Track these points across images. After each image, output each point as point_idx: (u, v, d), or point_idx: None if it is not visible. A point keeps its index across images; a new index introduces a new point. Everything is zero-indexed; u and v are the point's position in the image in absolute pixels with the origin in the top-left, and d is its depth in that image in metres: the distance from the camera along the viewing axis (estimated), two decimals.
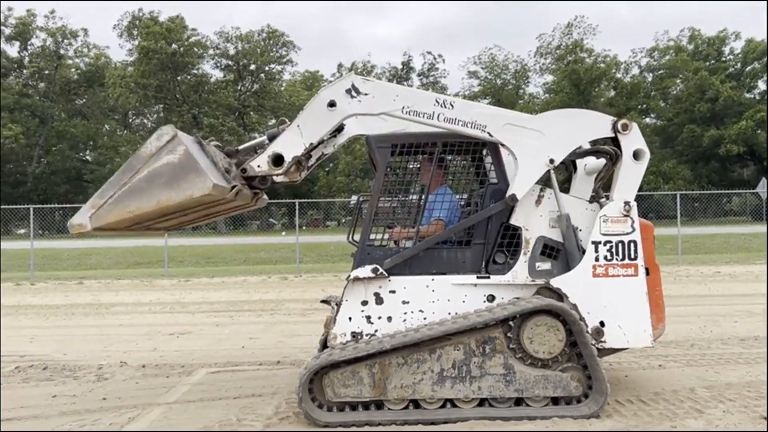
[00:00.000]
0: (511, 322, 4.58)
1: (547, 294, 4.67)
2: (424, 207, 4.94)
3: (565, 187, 5.23)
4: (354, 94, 4.66)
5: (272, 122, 47.12)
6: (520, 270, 4.75)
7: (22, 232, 31.34)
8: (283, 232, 35.15)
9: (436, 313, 4.70)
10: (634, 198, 4.76)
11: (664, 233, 18.51)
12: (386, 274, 4.70)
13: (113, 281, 16.47)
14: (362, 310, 4.72)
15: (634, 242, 4.71)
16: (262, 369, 6.37)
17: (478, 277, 4.75)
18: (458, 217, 5.10)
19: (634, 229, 4.72)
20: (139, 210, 4.16)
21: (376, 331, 4.70)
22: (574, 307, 4.58)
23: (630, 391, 5.15)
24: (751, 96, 48.72)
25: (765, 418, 4.43)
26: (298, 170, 4.89)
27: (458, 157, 5.14)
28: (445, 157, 5.18)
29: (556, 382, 4.53)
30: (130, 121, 60.02)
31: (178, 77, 50.87)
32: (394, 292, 4.73)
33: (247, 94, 54.22)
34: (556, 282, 4.67)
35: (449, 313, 4.70)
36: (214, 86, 52.25)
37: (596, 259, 4.68)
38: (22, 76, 54.24)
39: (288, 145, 4.69)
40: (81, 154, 56.20)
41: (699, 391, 5.15)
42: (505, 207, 4.76)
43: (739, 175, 50.71)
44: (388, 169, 5.01)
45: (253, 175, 4.71)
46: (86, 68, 56.53)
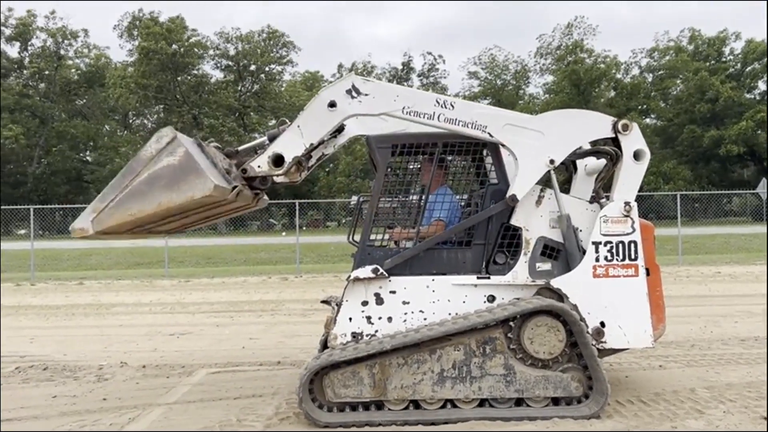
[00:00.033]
0: (512, 323, 4.58)
1: (547, 294, 4.67)
2: (424, 207, 4.94)
3: (566, 188, 5.23)
4: (354, 94, 4.66)
5: (272, 123, 47.13)
6: (521, 270, 4.75)
7: (23, 232, 31.36)
8: (284, 233, 35.16)
9: (436, 313, 4.70)
10: (634, 198, 4.76)
11: (665, 234, 18.50)
12: (386, 275, 4.70)
13: (113, 282, 16.47)
14: (362, 311, 4.72)
15: (635, 243, 4.71)
16: (262, 369, 6.36)
17: (479, 278, 4.75)
18: (458, 217, 5.10)
19: (634, 230, 4.72)
20: (141, 213, 4.16)
21: (377, 332, 4.70)
22: (575, 307, 4.58)
23: (630, 392, 5.15)
24: (752, 96, 48.74)
25: (765, 419, 4.43)
26: (298, 170, 4.89)
27: (458, 157, 5.14)
28: (445, 158, 5.18)
29: (557, 383, 4.53)
30: (131, 121, 60.04)
31: (179, 78, 50.91)
32: (394, 292, 4.73)
33: (248, 94, 54.25)
34: (556, 282, 4.67)
35: (449, 314, 4.70)
36: (215, 87, 52.30)
37: (597, 260, 4.68)
38: (23, 76, 54.29)
39: (288, 145, 4.69)
40: (81, 155, 56.22)
41: (699, 391, 5.15)
42: (505, 207, 4.76)
43: (740, 176, 50.70)
44: (389, 169, 5.01)
45: (253, 176, 4.72)
46: (86, 69, 56.57)
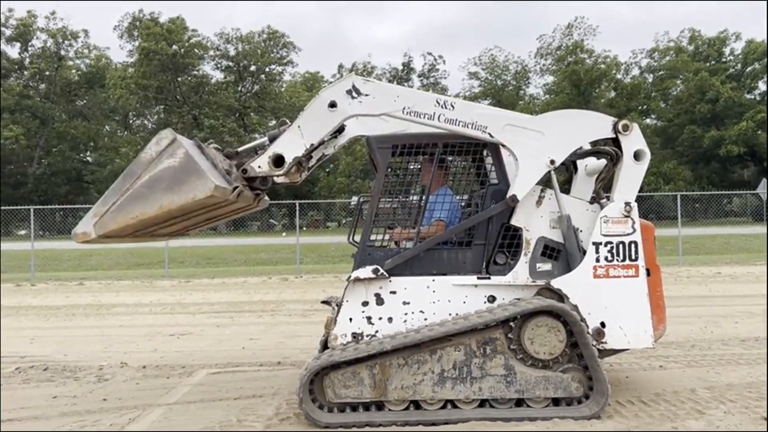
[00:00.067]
0: (512, 323, 4.58)
1: (547, 295, 4.66)
2: (424, 208, 4.93)
3: (566, 188, 5.23)
4: (355, 94, 4.66)
5: (273, 123, 47.14)
6: (521, 271, 4.74)
7: (23, 233, 31.39)
8: (284, 233, 35.18)
9: (436, 313, 4.70)
10: (634, 199, 4.76)
11: (665, 234, 18.49)
12: (387, 275, 4.70)
13: (114, 282, 16.46)
14: (363, 311, 4.72)
15: (635, 243, 4.70)
16: (262, 370, 6.36)
17: (479, 278, 4.74)
18: (459, 217, 5.10)
19: (634, 230, 4.71)
20: (143, 215, 4.16)
21: (377, 332, 4.69)
22: (575, 307, 4.58)
23: (631, 392, 5.14)
24: (752, 97, 48.74)
25: (766, 419, 4.43)
26: (298, 171, 4.89)
27: (459, 157, 5.13)
28: (445, 158, 5.17)
29: (557, 383, 4.53)
30: (131, 122, 60.06)
31: (179, 78, 50.94)
32: (394, 292, 4.73)
33: (248, 95, 54.29)
34: (556, 283, 4.67)
35: (450, 314, 4.70)
36: (215, 87, 52.33)
37: (597, 260, 4.68)
38: (23, 77, 54.34)
39: (289, 145, 4.69)
40: (81, 155, 56.26)
41: (700, 392, 5.14)
42: (505, 208, 4.75)
43: (740, 176, 50.69)
44: (389, 169, 5.01)
45: (254, 176, 4.72)
46: (87, 69, 56.61)
